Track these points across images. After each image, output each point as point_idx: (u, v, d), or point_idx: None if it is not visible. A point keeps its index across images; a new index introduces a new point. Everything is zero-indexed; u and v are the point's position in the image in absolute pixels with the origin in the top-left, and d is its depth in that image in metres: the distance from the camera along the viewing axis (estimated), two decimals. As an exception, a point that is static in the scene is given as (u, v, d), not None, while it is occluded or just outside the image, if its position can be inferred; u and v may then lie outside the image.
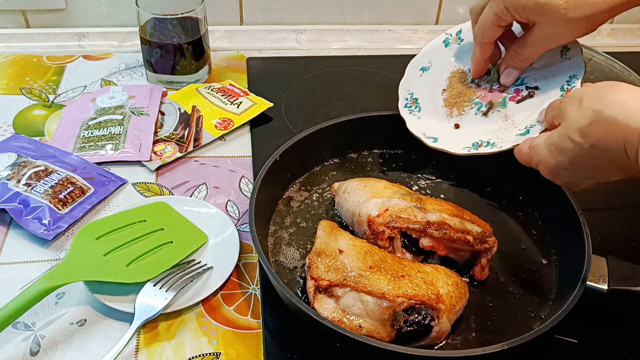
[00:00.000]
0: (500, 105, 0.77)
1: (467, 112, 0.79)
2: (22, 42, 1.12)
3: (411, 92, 0.84)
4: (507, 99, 0.77)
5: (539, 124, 0.70)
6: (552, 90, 0.73)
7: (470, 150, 0.74)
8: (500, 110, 0.77)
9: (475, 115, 0.78)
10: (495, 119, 0.77)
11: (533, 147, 0.63)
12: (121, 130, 0.91)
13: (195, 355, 0.64)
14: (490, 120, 0.77)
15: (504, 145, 0.72)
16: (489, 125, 0.76)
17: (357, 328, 0.61)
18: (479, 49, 0.74)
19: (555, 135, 0.60)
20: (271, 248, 0.74)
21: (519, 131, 0.72)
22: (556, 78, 0.73)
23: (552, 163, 0.60)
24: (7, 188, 0.78)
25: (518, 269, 0.74)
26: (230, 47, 1.17)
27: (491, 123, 0.76)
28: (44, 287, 0.63)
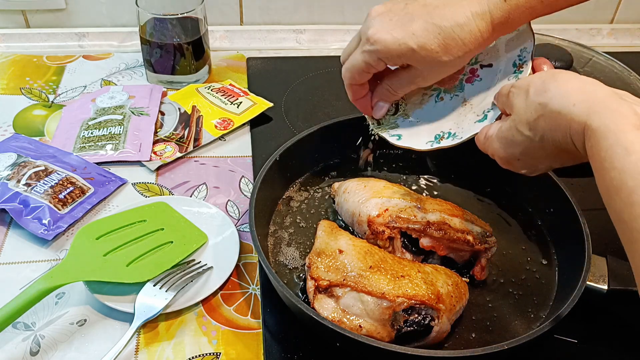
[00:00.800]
0: (458, 89, 0.75)
1: (427, 101, 0.77)
2: (22, 42, 1.12)
3: None
4: (463, 80, 0.75)
5: (494, 108, 0.69)
6: (506, 67, 0.71)
7: (433, 145, 0.73)
8: (458, 95, 0.75)
9: (436, 103, 0.76)
10: (454, 104, 0.75)
11: (487, 137, 0.64)
12: (121, 130, 0.91)
13: (195, 355, 0.64)
14: (450, 107, 0.75)
15: (463, 135, 0.70)
16: (448, 113, 0.74)
17: (357, 328, 0.61)
18: (350, 91, 0.73)
19: (505, 128, 0.60)
20: (271, 248, 0.74)
21: (477, 117, 0.70)
22: (508, 53, 0.72)
23: (505, 155, 0.62)
24: (7, 188, 0.78)
25: (518, 269, 0.74)
26: (230, 47, 1.17)
27: (450, 109, 0.75)
28: (44, 287, 0.63)
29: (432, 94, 0.76)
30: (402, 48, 0.62)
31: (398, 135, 0.76)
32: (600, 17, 1.26)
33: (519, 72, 0.69)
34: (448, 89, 0.75)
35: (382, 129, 0.78)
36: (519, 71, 0.69)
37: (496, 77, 0.72)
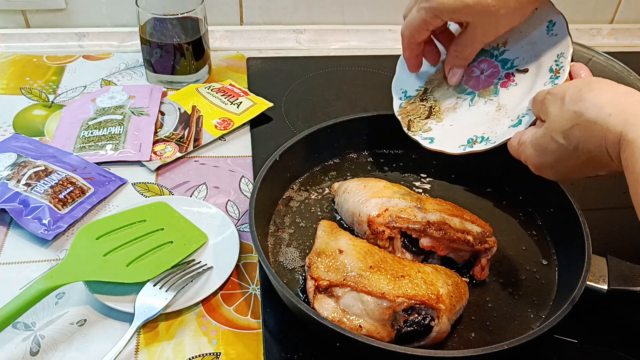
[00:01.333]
0: (493, 93, 0.75)
1: (460, 105, 0.78)
2: (22, 42, 1.12)
3: (404, 90, 0.83)
4: (498, 85, 0.75)
5: (529, 113, 0.69)
6: (542, 72, 0.72)
7: (465, 149, 0.74)
8: (492, 99, 0.75)
9: (469, 107, 0.77)
10: (489, 109, 0.75)
11: (521, 143, 0.64)
12: (121, 130, 0.91)
13: (195, 355, 0.64)
14: (484, 111, 0.75)
15: (497, 140, 0.71)
16: (482, 117, 0.75)
17: (357, 328, 0.61)
18: (407, 49, 0.74)
19: (539, 134, 0.60)
20: (271, 248, 0.74)
21: (511, 122, 0.71)
22: (545, 57, 0.72)
23: (538, 162, 0.62)
24: (7, 188, 0.78)
25: (518, 269, 0.74)
26: (230, 47, 1.17)
27: (484, 114, 0.75)
28: (44, 287, 0.63)
29: (466, 98, 0.77)
30: (457, 4, 0.62)
31: (430, 138, 0.77)
32: (600, 17, 1.26)
33: (555, 77, 0.69)
34: (482, 93, 0.76)
35: (414, 132, 0.79)
36: (556, 77, 0.69)
37: (532, 82, 0.72)
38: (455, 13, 0.64)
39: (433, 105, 0.80)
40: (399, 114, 0.82)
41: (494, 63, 0.77)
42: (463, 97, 0.78)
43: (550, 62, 0.71)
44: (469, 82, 0.78)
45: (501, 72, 0.76)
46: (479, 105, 0.76)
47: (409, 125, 0.80)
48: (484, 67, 0.78)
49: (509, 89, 0.74)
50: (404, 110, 0.82)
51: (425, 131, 0.78)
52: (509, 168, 0.82)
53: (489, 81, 0.76)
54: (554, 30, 0.72)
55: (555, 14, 0.72)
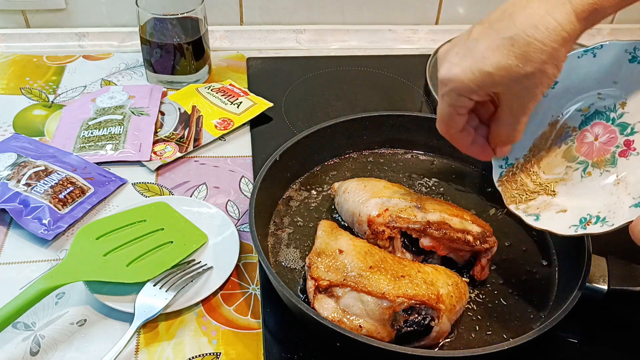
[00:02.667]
0: (610, 163, 0.65)
1: (571, 176, 0.68)
2: (22, 42, 1.12)
3: (505, 156, 0.72)
4: (616, 154, 0.65)
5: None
6: None
7: (577, 230, 0.64)
8: (609, 170, 0.65)
9: (582, 179, 0.67)
10: (605, 182, 0.65)
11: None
12: (121, 130, 0.91)
13: (195, 355, 0.64)
14: (599, 185, 0.65)
15: (615, 223, 0.61)
16: (597, 192, 0.65)
17: (357, 328, 0.61)
18: (453, 142, 0.66)
19: None
20: (271, 248, 0.74)
21: (633, 200, 0.61)
22: None
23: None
24: (7, 188, 0.78)
25: (518, 269, 0.74)
26: (230, 47, 1.17)
27: (600, 189, 0.65)
28: (44, 287, 0.63)
29: (577, 168, 0.68)
30: (477, 76, 0.55)
31: (536, 215, 0.68)
32: (600, 17, 1.26)
33: None
34: (597, 163, 0.66)
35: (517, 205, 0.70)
36: None
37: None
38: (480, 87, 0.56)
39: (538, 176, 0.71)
40: (499, 184, 0.72)
41: (610, 127, 0.67)
42: (574, 166, 0.68)
43: None
44: (581, 149, 0.68)
45: (619, 138, 0.65)
46: (593, 177, 0.66)
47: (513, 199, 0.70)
48: (598, 131, 0.67)
49: (629, 159, 0.64)
50: (504, 180, 0.72)
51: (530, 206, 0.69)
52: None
53: (605, 149, 0.66)
54: None
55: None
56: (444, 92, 0.59)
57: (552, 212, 0.67)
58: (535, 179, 0.70)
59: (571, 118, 0.70)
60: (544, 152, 0.71)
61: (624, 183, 0.63)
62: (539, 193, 0.69)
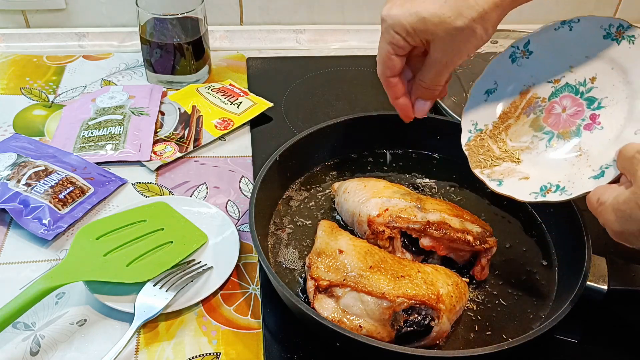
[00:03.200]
0: (574, 135, 0.67)
1: (536, 145, 0.70)
2: (22, 42, 1.12)
3: (475, 122, 0.74)
4: (581, 127, 0.67)
5: (614, 165, 0.61)
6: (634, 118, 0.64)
7: (537, 197, 0.66)
8: (573, 143, 0.67)
9: (546, 149, 0.69)
10: (568, 153, 0.67)
11: (601, 203, 0.57)
12: (121, 130, 0.91)
13: (195, 355, 0.64)
14: (562, 156, 0.68)
15: (574, 192, 0.64)
16: (560, 163, 0.67)
17: (357, 328, 0.61)
18: (386, 87, 0.69)
19: (623, 199, 0.53)
20: (271, 248, 0.74)
21: (592, 172, 0.63)
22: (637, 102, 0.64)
23: (619, 229, 0.55)
24: (7, 188, 0.78)
25: (518, 269, 0.74)
26: (230, 47, 1.17)
27: (563, 159, 0.67)
28: (44, 287, 0.63)
29: (543, 138, 0.70)
30: (413, 18, 0.60)
31: (499, 180, 0.70)
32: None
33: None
34: (562, 134, 0.69)
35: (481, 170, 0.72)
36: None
37: (621, 128, 0.64)
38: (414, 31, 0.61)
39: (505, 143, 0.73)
40: (466, 148, 0.74)
41: (578, 100, 0.69)
42: (540, 136, 0.70)
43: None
44: (549, 119, 0.70)
45: (586, 112, 0.67)
46: (557, 148, 0.69)
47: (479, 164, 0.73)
48: (566, 103, 0.70)
49: (593, 133, 0.66)
50: (472, 145, 0.74)
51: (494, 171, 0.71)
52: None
53: (571, 121, 0.68)
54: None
55: None
56: (383, 30, 0.64)
57: (515, 178, 0.70)
58: (502, 146, 0.72)
59: (542, 89, 0.72)
60: (513, 120, 0.73)
61: (585, 155, 0.66)
62: (504, 160, 0.72)
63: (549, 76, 0.71)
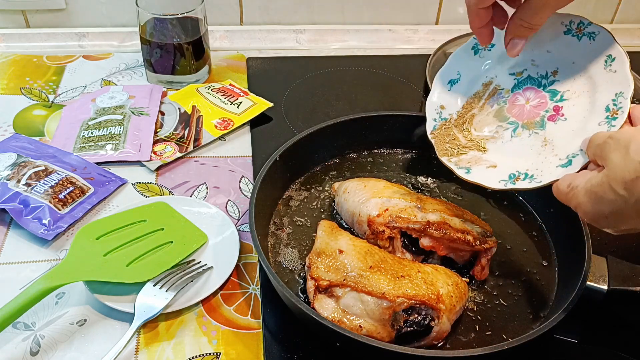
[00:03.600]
0: (538, 126, 0.69)
1: (501, 135, 0.72)
2: (22, 42, 1.12)
3: (439, 111, 0.76)
4: (545, 118, 0.68)
5: (582, 154, 0.63)
6: (597, 110, 0.65)
7: (507, 185, 0.68)
8: (538, 132, 0.69)
9: (512, 138, 0.71)
10: (533, 142, 0.69)
11: (572, 188, 0.58)
12: (121, 130, 0.91)
13: (195, 355, 0.64)
14: (528, 144, 0.69)
15: (543, 180, 0.65)
16: (526, 151, 0.69)
17: (357, 328, 0.61)
18: (476, 17, 0.66)
19: (596, 181, 0.55)
20: (271, 248, 0.74)
21: (559, 161, 0.65)
22: (601, 94, 0.65)
23: (592, 211, 0.56)
24: (7, 188, 0.78)
25: (518, 269, 0.74)
26: (230, 47, 1.17)
27: (528, 148, 0.69)
28: (44, 287, 0.63)
29: (508, 128, 0.71)
30: None
31: (467, 168, 0.71)
32: (600, 17, 1.26)
33: (612, 118, 0.63)
34: (527, 124, 0.70)
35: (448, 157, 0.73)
36: (613, 117, 0.63)
37: (585, 120, 0.66)
38: None
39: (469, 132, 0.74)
40: (432, 137, 0.76)
41: (541, 93, 0.71)
42: (505, 126, 0.71)
43: (607, 100, 0.64)
44: (512, 110, 0.72)
45: (549, 103, 0.69)
46: (522, 138, 0.70)
47: (446, 152, 0.74)
48: (529, 95, 0.71)
49: (557, 124, 0.68)
50: (438, 133, 0.76)
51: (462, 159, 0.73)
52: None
53: (535, 112, 0.70)
54: (612, 67, 0.66)
55: (615, 49, 0.67)
56: None
57: (482, 166, 0.71)
58: (467, 135, 0.74)
59: (505, 81, 0.74)
60: (477, 110, 0.75)
61: (551, 145, 0.67)
62: (470, 148, 0.73)
63: (511, 68, 0.74)
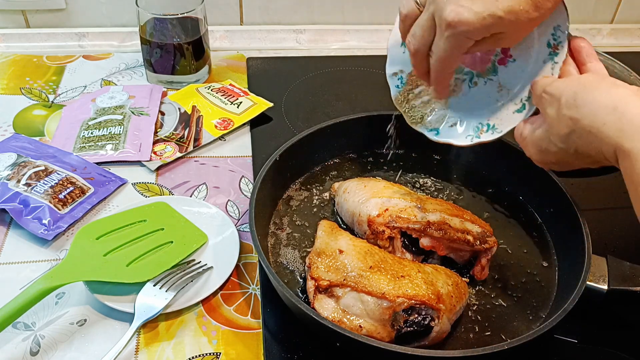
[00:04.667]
0: (491, 72, 0.69)
1: (460, 88, 0.71)
2: (22, 42, 1.12)
3: (399, 75, 0.75)
4: (495, 62, 0.68)
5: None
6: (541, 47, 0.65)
7: (473, 140, 0.69)
8: (492, 79, 0.69)
9: (470, 89, 0.71)
10: (489, 90, 0.69)
11: (523, 138, 0.62)
12: (121, 130, 0.91)
13: (195, 355, 0.64)
14: (485, 93, 0.69)
15: (503, 129, 0.67)
16: (484, 100, 0.69)
17: (357, 328, 0.61)
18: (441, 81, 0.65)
19: (539, 135, 0.59)
20: (271, 248, 0.74)
21: (515, 106, 0.66)
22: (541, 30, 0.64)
23: (541, 160, 0.61)
24: (7, 188, 0.78)
25: (518, 269, 0.74)
26: (230, 47, 1.17)
27: (486, 96, 0.69)
28: (44, 287, 0.63)
29: (465, 79, 0.71)
30: (487, 21, 0.55)
31: (436, 130, 0.72)
32: (600, 17, 1.26)
33: (554, 54, 0.64)
34: (481, 72, 0.70)
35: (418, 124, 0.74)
36: (555, 53, 0.64)
37: (531, 59, 0.66)
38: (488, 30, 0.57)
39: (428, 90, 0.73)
40: (397, 102, 0.75)
41: None
42: (461, 77, 0.71)
43: (547, 35, 0.64)
44: (465, 60, 0.71)
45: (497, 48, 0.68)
46: (479, 87, 0.70)
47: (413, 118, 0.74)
48: None
49: (507, 67, 0.68)
50: (402, 97, 0.75)
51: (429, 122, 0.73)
52: (509, 168, 0.83)
53: (486, 58, 0.69)
54: None
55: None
56: (449, 35, 0.58)
57: (448, 124, 0.71)
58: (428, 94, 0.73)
59: None
60: None
61: (506, 89, 0.67)
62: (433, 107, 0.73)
63: None
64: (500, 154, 0.82)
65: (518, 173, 0.81)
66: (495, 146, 0.82)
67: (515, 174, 0.82)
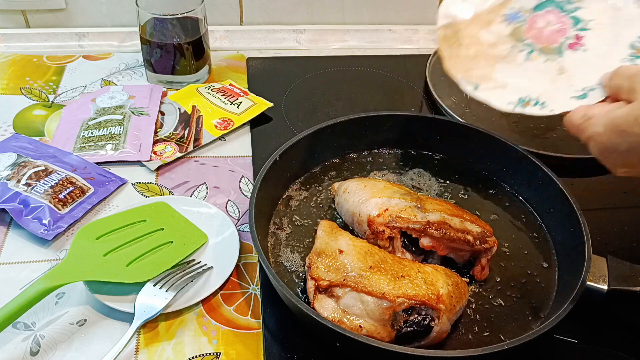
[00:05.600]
0: (556, 52, 0.65)
1: (514, 56, 0.68)
2: (22, 42, 1.12)
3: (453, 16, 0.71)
4: (565, 45, 0.65)
5: (599, 89, 0.61)
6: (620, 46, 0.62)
7: (515, 107, 0.65)
8: (555, 59, 0.65)
9: (525, 61, 0.67)
10: (548, 70, 0.65)
11: (588, 118, 0.56)
12: (121, 130, 0.91)
13: (195, 355, 0.64)
14: (542, 70, 0.66)
15: (555, 108, 0.63)
16: (539, 77, 0.66)
17: (357, 328, 0.61)
18: None
19: (620, 113, 0.52)
20: (271, 248, 0.74)
21: (575, 92, 0.63)
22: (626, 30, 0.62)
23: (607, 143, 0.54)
24: (7, 188, 0.78)
25: (518, 269, 0.74)
26: (230, 47, 1.17)
27: (542, 74, 0.66)
28: (44, 287, 0.63)
29: (523, 50, 0.67)
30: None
31: (475, 84, 0.68)
32: (600, 17, 1.26)
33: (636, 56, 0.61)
34: (544, 49, 0.66)
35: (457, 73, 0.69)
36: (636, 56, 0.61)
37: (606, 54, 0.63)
38: None
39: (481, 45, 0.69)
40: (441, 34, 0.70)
41: (563, 18, 0.66)
42: (519, 47, 0.67)
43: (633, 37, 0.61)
44: (530, 32, 0.67)
45: (570, 31, 0.65)
46: (537, 62, 0.67)
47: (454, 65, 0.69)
48: (550, 19, 0.67)
49: (576, 53, 0.64)
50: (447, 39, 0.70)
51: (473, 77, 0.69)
52: (509, 168, 0.83)
53: (554, 38, 0.66)
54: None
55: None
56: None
57: (490, 85, 0.68)
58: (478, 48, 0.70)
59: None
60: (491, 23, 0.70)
61: (567, 74, 0.64)
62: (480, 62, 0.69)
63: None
64: (501, 154, 0.82)
65: (518, 173, 0.81)
66: (496, 146, 0.82)
67: (515, 174, 0.82)
